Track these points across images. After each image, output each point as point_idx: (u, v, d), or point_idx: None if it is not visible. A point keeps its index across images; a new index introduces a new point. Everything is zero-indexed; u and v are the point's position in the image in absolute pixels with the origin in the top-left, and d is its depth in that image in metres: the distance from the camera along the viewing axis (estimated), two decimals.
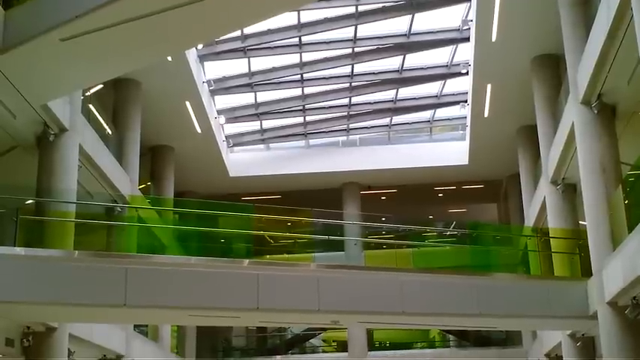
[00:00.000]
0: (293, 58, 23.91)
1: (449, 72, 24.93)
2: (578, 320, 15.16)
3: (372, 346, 30.45)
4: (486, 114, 23.39)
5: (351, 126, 29.02)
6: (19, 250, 12.08)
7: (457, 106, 26.66)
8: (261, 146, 29.60)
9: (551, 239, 18.56)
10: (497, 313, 14.57)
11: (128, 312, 12.64)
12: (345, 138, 29.94)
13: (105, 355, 17.72)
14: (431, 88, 26.59)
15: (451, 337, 33.38)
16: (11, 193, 13.62)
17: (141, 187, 21.52)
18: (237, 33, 21.76)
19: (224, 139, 27.09)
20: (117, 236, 16.74)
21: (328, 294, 13.25)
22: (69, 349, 14.24)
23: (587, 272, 15.02)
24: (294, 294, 13.17)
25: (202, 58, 22.55)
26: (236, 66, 24.01)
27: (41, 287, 11.57)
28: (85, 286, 11.87)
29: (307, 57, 23.92)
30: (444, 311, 14.27)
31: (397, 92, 26.59)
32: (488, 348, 29.31)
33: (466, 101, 25.08)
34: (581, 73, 14.84)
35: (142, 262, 12.59)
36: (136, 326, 19.92)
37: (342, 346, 32.50)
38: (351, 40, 23.00)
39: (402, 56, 24.22)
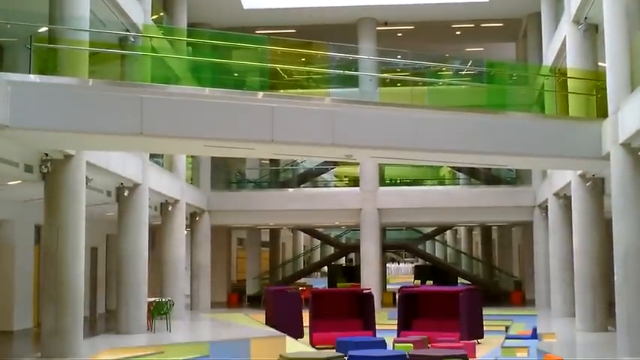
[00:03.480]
0: None
1: None
2: (590, 161, 15.24)
3: (383, 182, 30.98)
4: None
5: None
6: (34, 78, 12.05)
7: None
8: None
9: (568, 80, 18.35)
10: (510, 151, 14.63)
11: (144, 141, 12.75)
12: None
13: (122, 184, 18.11)
14: None
15: (461, 175, 33.87)
16: (24, 20, 13.42)
17: (154, 17, 21.17)
18: None
19: None
20: (131, 66, 16.65)
21: (342, 128, 13.28)
22: (86, 177, 14.54)
23: (602, 114, 14.97)
24: (308, 127, 13.20)
25: None
26: None
27: (57, 115, 11.64)
28: (101, 115, 11.93)
29: None
30: (456, 148, 14.33)
31: None
32: (498, 186, 29.81)
33: None
34: None
35: (157, 92, 12.56)
36: (151, 156, 20.22)
37: (354, 182, 33.10)
38: None
39: None
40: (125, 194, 18.39)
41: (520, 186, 29.12)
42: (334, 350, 18.10)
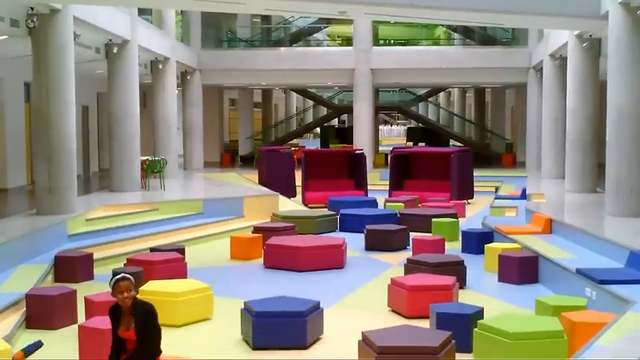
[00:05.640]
0: None
1: None
2: (588, 20, 14.98)
3: (376, 42, 30.52)
4: None
5: None
6: None
7: None
8: None
9: None
10: (507, 9, 14.33)
11: None
12: None
13: (110, 40, 17.77)
14: None
15: (456, 35, 33.41)
16: None
17: None
18: None
19: None
20: None
21: None
22: (74, 33, 14.22)
23: None
24: None
25: None
26: None
27: None
28: None
29: None
30: (452, 5, 14.02)
31: None
32: (493, 47, 29.45)
33: None
34: None
35: None
36: (140, 12, 19.73)
37: (347, 42, 32.65)
38: None
39: None
40: (114, 51, 18.09)
41: (515, 47, 28.78)
42: (326, 209, 18.38)
